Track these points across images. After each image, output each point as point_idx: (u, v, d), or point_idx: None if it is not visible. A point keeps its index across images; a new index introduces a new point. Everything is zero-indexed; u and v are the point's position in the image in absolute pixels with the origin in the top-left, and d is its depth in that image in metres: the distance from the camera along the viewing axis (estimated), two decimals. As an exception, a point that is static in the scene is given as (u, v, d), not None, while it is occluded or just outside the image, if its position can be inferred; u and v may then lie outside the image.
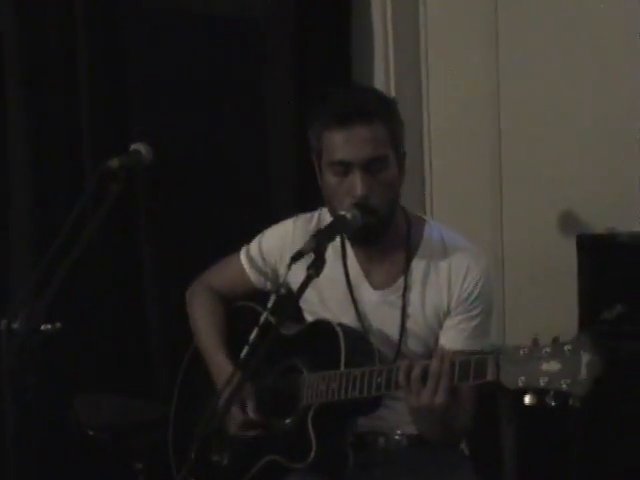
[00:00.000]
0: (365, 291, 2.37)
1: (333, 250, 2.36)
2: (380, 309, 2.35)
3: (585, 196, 3.36)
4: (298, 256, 2.10)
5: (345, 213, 2.19)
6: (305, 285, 2.05)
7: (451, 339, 2.29)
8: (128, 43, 3.29)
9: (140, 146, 2.32)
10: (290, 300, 2.18)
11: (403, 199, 2.36)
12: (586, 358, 1.80)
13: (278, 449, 2.30)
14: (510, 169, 3.63)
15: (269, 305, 2.19)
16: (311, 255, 2.08)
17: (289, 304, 2.19)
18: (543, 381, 1.84)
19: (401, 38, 3.79)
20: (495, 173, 3.65)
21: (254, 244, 2.53)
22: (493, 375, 1.94)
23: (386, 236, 2.31)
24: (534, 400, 1.86)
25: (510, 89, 3.62)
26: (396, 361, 2.27)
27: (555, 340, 1.86)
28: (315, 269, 2.04)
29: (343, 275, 2.37)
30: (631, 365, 2.79)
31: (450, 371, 2.02)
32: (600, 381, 1.81)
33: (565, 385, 1.81)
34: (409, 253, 2.34)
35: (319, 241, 2.09)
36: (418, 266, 2.33)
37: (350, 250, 2.39)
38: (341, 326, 2.29)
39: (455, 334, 2.30)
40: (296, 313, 2.43)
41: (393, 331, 2.33)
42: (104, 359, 3.20)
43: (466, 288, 2.29)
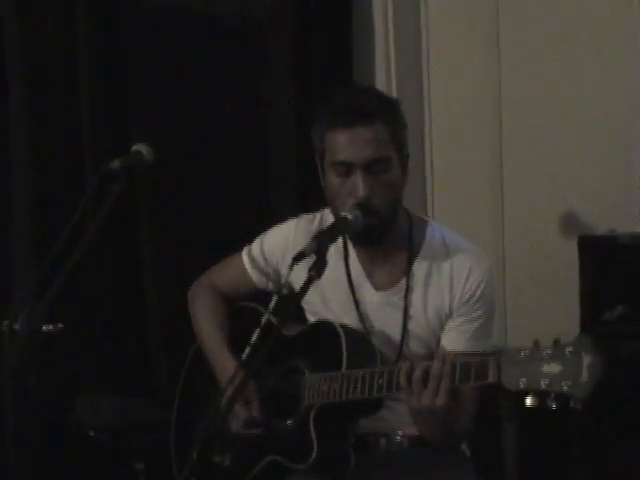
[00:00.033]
0: (367, 292, 2.36)
1: (335, 250, 2.35)
2: (382, 310, 2.35)
3: (586, 197, 3.36)
4: (299, 257, 2.09)
5: (346, 214, 2.19)
6: (306, 286, 2.04)
7: (453, 340, 2.29)
8: (128, 43, 3.29)
9: (141, 147, 2.32)
10: (292, 301, 2.18)
11: (404, 199, 2.35)
12: (587, 360, 1.80)
13: (279, 450, 2.30)
14: (511, 170, 3.62)
15: (271, 306, 2.19)
16: (313, 256, 2.07)
17: (291, 305, 2.19)
18: (544, 383, 1.84)
19: (402, 38, 3.78)
20: (496, 173, 3.64)
21: (256, 244, 2.53)
22: (494, 377, 1.94)
23: (388, 237, 2.31)
24: (535, 402, 1.86)
25: (511, 89, 3.61)
26: (397, 362, 2.27)
27: (556, 342, 1.86)
28: (316, 271, 2.04)
29: (345, 276, 2.37)
30: (632, 366, 2.79)
31: (451, 373, 2.02)
32: (601, 383, 1.81)
33: (566, 387, 1.82)
34: (411, 254, 2.33)
35: (320, 242, 2.09)
36: (420, 267, 2.33)
37: (352, 251, 2.38)
38: (343, 327, 2.29)
39: (457, 335, 2.29)
40: (298, 313, 2.43)
41: (395, 332, 2.33)
42: (105, 359, 3.20)
43: (468, 289, 2.29)
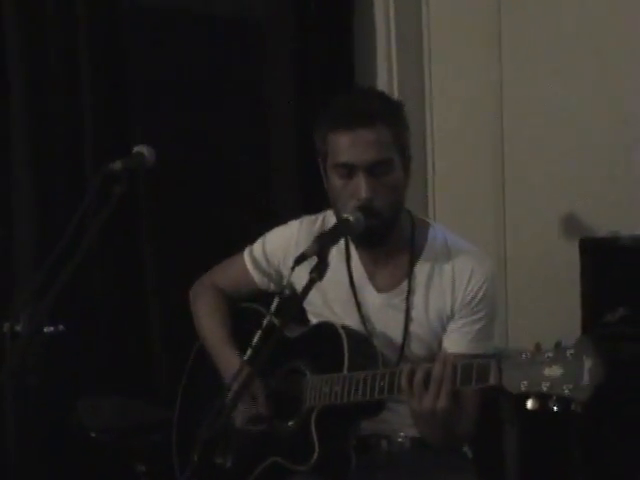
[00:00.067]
0: (369, 294, 2.36)
1: (337, 252, 2.35)
2: (384, 312, 2.35)
3: (588, 199, 3.36)
4: (301, 259, 2.09)
5: (348, 216, 2.18)
6: (308, 289, 2.04)
7: (455, 342, 2.29)
8: (129, 43, 3.29)
9: (143, 148, 2.31)
10: (293, 302, 2.18)
11: (405, 200, 2.34)
12: (588, 364, 1.80)
13: (281, 451, 2.30)
14: (512, 170, 3.62)
15: (272, 308, 2.18)
16: (314, 258, 2.07)
17: (293, 306, 2.19)
18: (545, 386, 1.85)
19: (404, 38, 3.78)
20: (497, 174, 3.64)
21: (258, 245, 2.53)
22: (495, 379, 1.94)
23: (390, 239, 2.31)
24: (536, 405, 1.86)
25: (513, 90, 3.61)
26: (399, 364, 2.28)
27: (557, 345, 1.86)
28: (318, 273, 2.03)
29: (347, 277, 2.37)
30: (633, 367, 2.79)
31: (452, 375, 2.02)
32: (602, 386, 1.81)
33: (567, 390, 1.82)
34: (413, 256, 2.33)
35: (322, 244, 2.09)
36: (422, 269, 2.33)
37: (354, 252, 2.38)
38: (344, 328, 2.29)
39: (459, 337, 2.29)
40: (300, 315, 2.43)
41: (396, 334, 2.33)
42: (106, 361, 3.19)
43: (470, 291, 2.29)
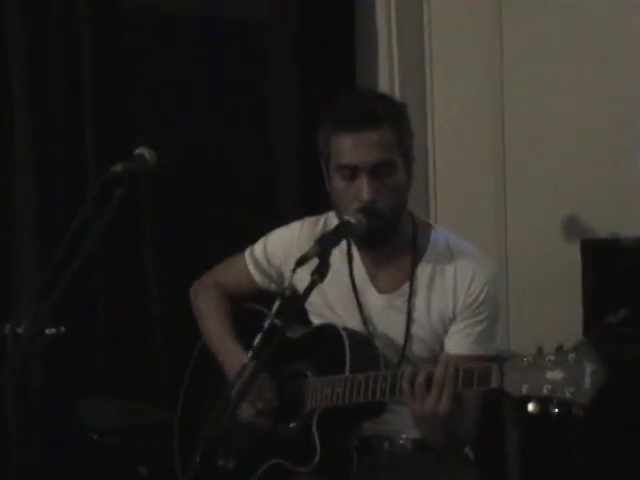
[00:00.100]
0: (370, 295, 2.37)
1: (339, 253, 2.35)
2: (385, 313, 2.35)
3: (589, 200, 3.35)
4: (302, 261, 2.08)
5: (350, 218, 2.18)
6: (309, 290, 2.03)
7: (456, 344, 2.29)
8: (130, 44, 3.29)
9: (144, 150, 2.31)
10: (295, 303, 2.17)
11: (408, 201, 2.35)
12: (590, 367, 1.80)
13: (282, 453, 2.30)
14: (514, 171, 3.61)
15: (274, 310, 2.18)
16: (316, 259, 2.07)
17: (294, 306, 2.18)
18: (547, 389, 1.85)
19: (405, 38, 3.78)
20: (499, 174, 3.63)
21: (259, 245, 2.53)
22: (497, 382, 1.94)
23: (392, 240, 2.31)
24: (537, 408, 1.86)
25: (514, 90, 3.60)
26: (401, 366, 2.28)
27: (559, 348, 1.86)
28: (319, 274, 2.02)
29: (349, 278, 2.37)
30: (635, 368, 2.79)
31: (454, 378, 2.02)
32: (604, 389, 1.81)
33: (569, 394, 1.82)
34: (415, 258, 2.34)
35: (323, 246, 2.08)
36: (424, 271, 2.33)
37: (356, 254, 2.39)
38: (346, 330, 2.29)
39: (460, 339, 2.30)
40: (301, 316, 2.43)
41: (398, 336, 2.33)
42: (107, 362, 3.19)
43: (472, 293, 2.29)
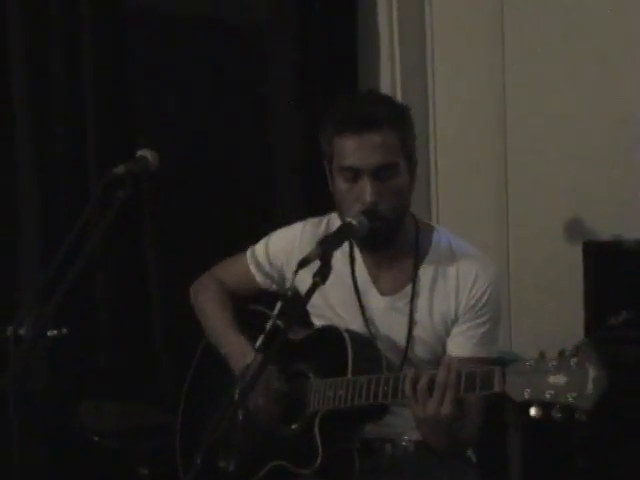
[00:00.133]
0: (373, 297, 2.37)
1: (342, 255, 2.35)
2: (387, 315, 2.35)
3: (591, 203, 3.35)
4: (304, 263, 2.08)
5: (352, 220, 2.18)
6: (311, 292, 2.04)
7: (459, 346, 2.29)
8: (132, 44, 3.29)
9: (146, 152, 2.31)
10: (297, 304, 2.17)
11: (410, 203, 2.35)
12: (593, 372, 1.80)
13: (284, 454, 2.30)
14: (515, 172, 3.61)
15: (275, 311, 2.18)
16: (317, 261, 2.07)
17: (296, 308, 2.17)
18: (549, 394, 1.84)
19: (407, 39, 3.77)
20: (501, 176, 3.63)
21: (260, 246, 2.53)
22: (499, 386, 1.94)
23: (395, 242, 2.31)
24: (540, 413, 1.85)
25: (516, 90, 3.60)
26: (403, 367, 2.28)
27: (561, 353, 1.85)
28: (321, 276, 2.03)
29: (351, 280, 2.37)
30: (637, 371, 2.79)
31: (456, 382, 2.02)
32: (606, 393, 1.80)
33: (571, 399, 1.81)
34: (417, 260, 2.34)
35: (325, 248, 2.08)
36: (426, 273, 2.33)
37: (358, 255, 2.38)
38: (348, 332, 2.29)
39: (463, 341, 2.30)
40: (303, 318, 2.42)
41: (400, 337, 2.33)
42: (109, 364, 3.19)
43: (474, 295, 2.29)
